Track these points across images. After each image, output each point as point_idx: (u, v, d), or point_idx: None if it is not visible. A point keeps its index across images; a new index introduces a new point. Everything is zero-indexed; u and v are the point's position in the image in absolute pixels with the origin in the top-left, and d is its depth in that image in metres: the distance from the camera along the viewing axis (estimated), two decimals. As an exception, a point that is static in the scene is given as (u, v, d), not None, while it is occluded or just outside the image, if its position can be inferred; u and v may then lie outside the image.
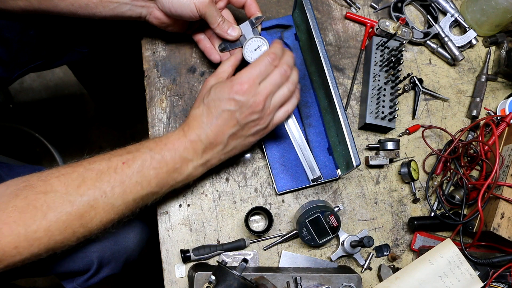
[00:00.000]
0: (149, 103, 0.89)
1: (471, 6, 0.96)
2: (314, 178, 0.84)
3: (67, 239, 0.66)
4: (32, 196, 0.63)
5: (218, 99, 0.71)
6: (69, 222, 0.65)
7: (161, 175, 0.71)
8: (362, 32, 0.97)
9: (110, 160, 0.69)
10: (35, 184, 0.65)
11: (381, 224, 0.88)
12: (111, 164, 0.68)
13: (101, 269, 0.90)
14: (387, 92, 0.90)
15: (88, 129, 1.82)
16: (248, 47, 0.81)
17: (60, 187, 0.65)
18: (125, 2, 0.77)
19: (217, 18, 0.78)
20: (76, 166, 0.68)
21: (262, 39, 0.81)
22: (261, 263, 0.84)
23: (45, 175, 0.66)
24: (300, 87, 0.82)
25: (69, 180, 0.66)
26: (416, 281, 0.79)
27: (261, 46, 0.81)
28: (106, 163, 0.68)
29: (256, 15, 0.81)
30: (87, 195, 0.66)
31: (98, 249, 0.87)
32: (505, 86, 0.98)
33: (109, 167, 0.68)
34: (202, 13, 0.76)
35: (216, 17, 0.78)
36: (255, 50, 0.81)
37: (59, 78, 1.84)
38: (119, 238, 0.89)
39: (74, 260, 0.86)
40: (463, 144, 0.86)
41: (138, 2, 0.77)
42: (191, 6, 0.75)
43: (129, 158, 0.69)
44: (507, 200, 0.79)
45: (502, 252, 0.83)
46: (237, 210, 0.86)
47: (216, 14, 0.77)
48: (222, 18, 0.79)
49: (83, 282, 0.92)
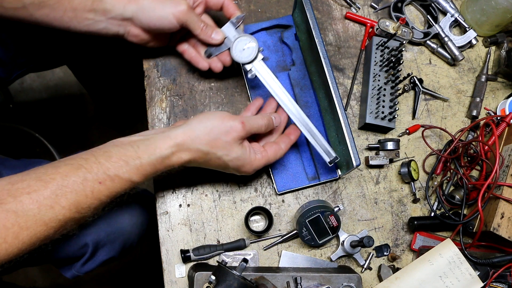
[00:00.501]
0: (149, 103, 0.89)
1: (471, 6, 0.96)
2: (331, 160, 0.80)
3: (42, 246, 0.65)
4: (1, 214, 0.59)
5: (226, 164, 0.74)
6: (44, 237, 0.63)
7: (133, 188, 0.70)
8: (362, 32, 0.97)
9: (86, 179, 0.64)
10: (5, 199, 0.60)
11: (381, 224, 0.88)
12: (87, 183, 0.64)
13: (96, 252, 0.89)
14: (387, 92, 0.90)
15: (88, 129, 1.82)
16: (236, 47, 0.80)
17: (32, 205, 0.61)
18: (100, 19, 0.75)
19: (199, 24, 0.77)
20: (48, 180, 0.63)
21: (248, 37, 0.80)
22: (261, 263, 0.84)
23: (15, 189, 0.62)
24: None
25: (41, 198, 0.62)
26: (416, 281, 0.79)
27: (248, 44, 0.80)
28: (81, 182, 0.64)
29: (236, 14, 0.81)
30: (63, 215, 0.63)
31: (92, 232, 0.86)
32: (505, 86, 0.98)
33: (85, 187, 0.64)
34: (182, 22, 0.75)
35: (198, 23, 0.77)
36: (244, 49, 0.80)
37: (59, 78, 1.84)
38: (112, 220, 0.88)
39: (68, 245, 0.85)
40: (463, 144, 0.86)
41: (114, 21, 0.76)
42: (170, 17, 0.74)
43: (106, 179, 0.65)
44: (507, 200, 0.79)
45: (502, 252, 0.83)
46: (237, 210, 0.86)
47: (197, 20, 0.77)
48: (204, 23, 0.78)
49: (80, 267, 0.92)
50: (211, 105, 0.90)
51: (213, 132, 0.71)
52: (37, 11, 0.74)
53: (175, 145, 0.69)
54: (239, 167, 0.75)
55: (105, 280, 1.66)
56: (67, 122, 1.81)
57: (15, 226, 0.60)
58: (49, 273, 1.66)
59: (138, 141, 0.69)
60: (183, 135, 0.70)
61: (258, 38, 0.93)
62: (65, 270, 0.95)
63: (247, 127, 0.73)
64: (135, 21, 0.76)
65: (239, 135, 0.72)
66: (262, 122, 0.76)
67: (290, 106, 0.81)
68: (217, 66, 0.83)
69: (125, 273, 1.66)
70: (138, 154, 0.68)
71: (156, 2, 0.74)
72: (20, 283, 1.64)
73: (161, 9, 0.74)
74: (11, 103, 1.75)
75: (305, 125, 0.81)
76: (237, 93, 0.90)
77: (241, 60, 0.80)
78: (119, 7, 0.74)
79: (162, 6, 0.74)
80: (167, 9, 0.74)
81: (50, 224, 0.62)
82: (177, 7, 0.74)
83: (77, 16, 0.75)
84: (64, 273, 0.96)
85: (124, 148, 0.68)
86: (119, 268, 1.64)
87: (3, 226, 0.59)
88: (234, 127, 0.72)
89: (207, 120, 0.72)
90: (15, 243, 0.60)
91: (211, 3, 0.81)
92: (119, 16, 0.75)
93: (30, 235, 0.61)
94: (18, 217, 0.60)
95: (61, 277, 1.65)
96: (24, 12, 0.75)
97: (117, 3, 0.74)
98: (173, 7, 0.74)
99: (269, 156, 0.78)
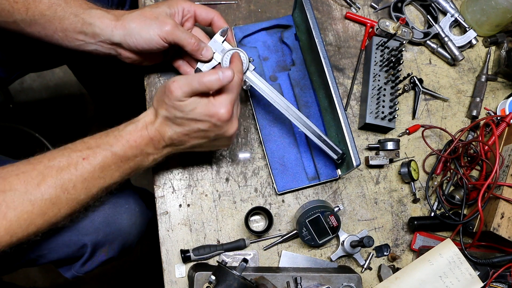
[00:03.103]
0: (149, 103, 0.89)
1: (471, 6, 0.96)
2: (338, 157, 0.80)
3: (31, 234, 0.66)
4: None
5: (194, 119, 0.70)
6: (31, 220, 0.64)
7: (122, 169, 0.72)
8: (362, 32, 0.97)
9: (70, 157, 0.68)
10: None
11: (381, 224, 0.88)
12: (71, 160, 0.67)
13: (96, 252, 0.90)
14: (387, 92, 0.90)
15: (88, 129, 1.81)
16: (226, 61, 0.80)
17: (20, 185, 0.64)
18: (90, 41, 0.76)
19: (188, 40, 0.76)
20: (36, 163, 0.67)
21: (236, 49, 0.80)
22: (261, 263, 0.84)
23: (4, 172, 0.65)
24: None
25: (29, 178, 0.64)
26: (416, 281, 0.79)
27: None
28: (66, 159, 0.67)
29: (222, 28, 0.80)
30: (49, 194, 0.65)
31: (91, 232, 0.86)
32: (505, 86, 0.98)
33: (69, 164, 0.67)
34: (170, 41, 0.75)
35: (187, 39, 0.76)
36: None
37: (59, 78, 1.84)
38: (111, 220, 0.88)
39: (67, 245, 0.86)
40: (463, 144, 0.86)
41: (104, 44, 0.76)
42: (156, 38, 0.74)
43: (90, 154, 0.68)
44: (507, 200, 0.79)
45: (502, 252, 0.83)
46: (237, 210, 0.86)
47: (185, 36, 0.76)
48: (195, 38, 0.77)
49: (79, 267, 0.92)
50: (211, 105, 0.90)
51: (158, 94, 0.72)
52: (28, 28, 0.76)
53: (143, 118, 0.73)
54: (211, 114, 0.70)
55: (105, 280, 1.66)
56: (67, 122, 1.81)
57: (2, 206, 0.62)
58: (49, 273, 1.66)
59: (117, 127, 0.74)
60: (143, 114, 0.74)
61: (258, 38, 0.93)
62: (65, 270, 0.95)
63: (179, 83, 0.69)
64: (124, 45, 0.76)
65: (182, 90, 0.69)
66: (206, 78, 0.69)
67: (289, 110, 0.81)
68: None
69: (125, 273, 1.66)
70: (118, 127, 0.73)
71: (142, 25, 0.74)
72: (20, 283, 1.64)
73: (147, 32, 0.74)
74: (11, 103, 1.75)
75: (307, 127, 0.81)
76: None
77: None
78: (108, 32, 0.74)
79: (148, 28, 0.74)
80: (153, 31, 0.74)
81: (36, 204, 0.64)
82: (162, 27, 0.74)
83: (67, 36, 0.76)
84: (63, 273, 0.96)
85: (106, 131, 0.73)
86: (119, 268, 1.64)
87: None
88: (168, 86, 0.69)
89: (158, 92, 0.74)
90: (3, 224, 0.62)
91: (199, 18, 0.80)
92: (108, 41, 0.76)
93: (18, 215, 0.63)
94: (6, 197, 0.63)
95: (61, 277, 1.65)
96: (15, 27, 0.76)
97: (106, 27, 0.74)
98: (158, 28, 0.74)
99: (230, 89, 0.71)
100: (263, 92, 0.80)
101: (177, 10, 0.77)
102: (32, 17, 0.74)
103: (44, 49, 0.97)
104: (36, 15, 0.74)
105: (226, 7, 0.95)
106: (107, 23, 0.74)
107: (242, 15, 0.95)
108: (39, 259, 0.87)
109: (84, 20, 0.74)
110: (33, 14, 0.74)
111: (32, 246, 0.82)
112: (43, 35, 0.77)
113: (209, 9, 0.80)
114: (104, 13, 0.75)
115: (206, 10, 0.80)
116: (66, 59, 1.19)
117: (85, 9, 0.74)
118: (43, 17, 0.74)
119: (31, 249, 0.83)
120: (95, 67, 1.30)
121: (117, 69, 1.34)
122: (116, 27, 0.74)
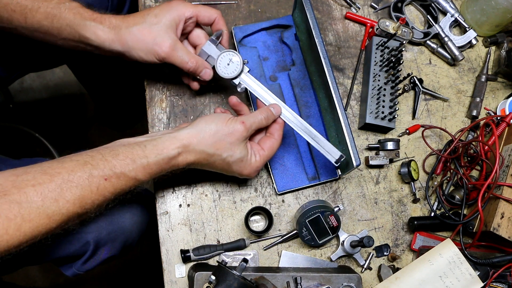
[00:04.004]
0: (149, 103, 0.89)
1: (471, 6, 0.96)
2: (337, 159, 0.79)
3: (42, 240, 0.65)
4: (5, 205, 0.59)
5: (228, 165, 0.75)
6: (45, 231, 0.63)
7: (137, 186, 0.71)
8: (362, 32, 0.97)
9: (92, 175, 0.65)
10: (9, 190, 0.60)
11: (381, 224, 0.88)
12: (92, 179, 0.65)
13: (97, 250, 0.90)
14: (387, 92, 0.90)
15: (88, 129, 1.81)
16: (220, 64, 0.80)
17: (36, 198, 0.61)
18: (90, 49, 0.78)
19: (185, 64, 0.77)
20: (54, 174, 0.64)
21: (230, 52, 0.80)
22: (261, 263, 0.84)
23: (20, 181, 0.62)
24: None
25: (46, 191, 0.62)
26: (416, 281, 0.79)
27: (232, 59, 0.80)
28: (87, 177, 0.65)
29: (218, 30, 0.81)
30: (66, 209, 0.63)
31: (93, 230, 0.86)
32: (505, 86, 0.98)
33: (90, 183, 0.65)
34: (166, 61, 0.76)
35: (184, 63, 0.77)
36: (228, 64, 0.80)
37: (59, 78, 1.84)
38: (114, 219, 0.88)
39: (70, 243, 0.85)
40: (463, 144, 0.86)
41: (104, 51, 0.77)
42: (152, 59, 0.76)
43: (112, 176, 0.66)
44: (507, 200, 0.79)
45: (502, 252, 0.83)
46: (237, 210, 0.86)
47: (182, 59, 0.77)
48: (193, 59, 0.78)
49: (81, 265, 0.92)
50: (211, 105, 0.90)
51: (218, 134, 0.72)
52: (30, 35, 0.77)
53: (182, 146, 0.71)
54: (241, 168, 0.76)
55: (105, 280, 1.66)
56: (67, 122, 1.81)
57: (18, 218, 0.60)
58: (49, 273, 1.66)
59: (145, 141, 0.71)
60: (189, 137, 0.72)
61: (258, 38, 0.93)
62: (66, 269, 0.95)
63: (248, 124, 0.74)
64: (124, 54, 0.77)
65: (242, 135, 0.74)
66: (261, 116, 0.77)
67: (286, 112, 0.80)
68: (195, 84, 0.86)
69: (125, 273, 1.66)
70: (145, 153, 0.69)
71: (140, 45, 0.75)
72: (20, 283, 1.64)
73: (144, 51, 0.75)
74: (11, 103, 1.75)
75: (305, 129, 0.80)
76: (237, 93, 0.90)
77: (227, 76, 0.80)
78: (106, 45, 0.75)
79: (146, 46, 0.74)
80: (150, 50, 0.75)
81: (53, 218, 0.62)
82: (159, 51, 0.75)
83: (69, 44, 0.77)
84: (64, 272, 0.96)
85: (131, 147, 0.69)
86: (120, 268, 1.64)
87: (5, 217, 0.59)
88: (237, 128, 0.73)
89: (212, 122, 0.73)
90: (17, 235, 0.60)
91: (202, 18, 0.80)
92: (108, 51, 0.76)
93: (32, 228, 0.61)
94: (22, 209, 0.60)
95: (61, 277, 1.65)
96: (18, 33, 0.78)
97: (102, 42, 0.75)
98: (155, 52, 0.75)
99: (267, 153, 0.78)
100: (257, 94, 0.81)
101: (180, 20, 0.77)
102: (31, 26, 0.75)
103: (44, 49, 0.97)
104: (34, 24, 0.74)
105: (226, 7, 0.95)
106: (103, 38, 0.74)
107: (242, 15, 0.95)
108: (41, 257, 0.87)
109: (80, 34, 0.74)
110: (31, 23, 0.74)
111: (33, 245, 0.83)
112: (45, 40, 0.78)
113: (211, 9, 0.80)
114: (98, 26, 0.74)
115: (209, 11, 0.80)
116: (66, 59, 1.19)
117: (79, 20, 0.74)
118: (42, 27, 0.75)
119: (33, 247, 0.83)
120: (95, 67, 1.30)
121: (117, 69, 1.34)
122: (114, 42, 0.75)
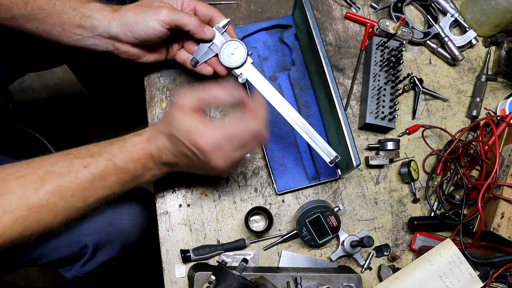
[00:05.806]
0: (149, 103, 0.89)
1: (471, 6, 0.96)
2: (332, 160, 0.79)
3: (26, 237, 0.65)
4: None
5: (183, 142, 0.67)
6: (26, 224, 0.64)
7: (122, 180, 0.70)
8: (362, 32, 0.97)
9: (72, 163, 0.66)
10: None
11: (381, 224, 0.88)
12: (72, 167, 0.66)
13: (97, 252, 0.90)
14: (387, 92, 0.90)
15: (88, 129, 1.82)
16: (224, 53, 0.79)
17: (18, 189, 0.63)
18: (88, 35, 0.75)
19: (189, 18, 0.74)
20: (37, 167, 0.66)
21: (235, 41, 0.79)
22: (261, 263, 0.84)
23: (4, 174, 0.64)
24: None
25: (28, 182, 0.64)
26: (416, 281, 0.79)
27: (237, 48, 0.79)
28: (67, 166, 0.66)
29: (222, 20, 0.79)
30: (46, 200, 0.64)
31: (92, 232, 0.86)
32: (505, 86, 0.98)
33: (70, 171, 0.66)
34: (170, 23, 0.73)
35: (187, 18, 0.74)
36: (232, 54, 0.79)
37: (59, 78, 1.84)
38: (112, 220, 0.88)
39: (69, 245, 0.85)
40: (463, 144, 0.86)
41: (101, 38, 0.75)
42: (153, 24, 0.72)
43: (91, 162, 0.67)
44: (507, 200, 0.79)
45: (502, 252, 0.83)
46: (237, 210, 0.86)
47: (184, 15, 0.74)
48: (195, 17, 0.75)
49: (80, 267, 0.92)
50: (211, 105, 0.90)
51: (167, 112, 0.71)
52: (27, 23, 0.76)
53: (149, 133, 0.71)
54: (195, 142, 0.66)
55: (105, 280, 1.66)
56: (67, 122, 1.81)
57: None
58: (49, 273, 1.66)
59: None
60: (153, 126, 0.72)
61: (258, 38, 0.93)
62: (65, 271, 0.95)
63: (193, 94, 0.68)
64: (121, 37, 0.75)
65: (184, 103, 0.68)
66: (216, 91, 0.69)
67: (285, 108, 0.79)
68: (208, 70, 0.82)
69: (125, 273, 1.66)
70: (124, 137, 0.71)
71: (138, 13, 0.73)
72: (20, 283, 1.64)
73: (143, 19, 0.73)
74: (11, 103, 1.76)
75: (302, 127, 0.79)
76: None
77: (230, 65, 0.79)
78: (105, 23, 0.74)
79: (144, 16, 0.73)
80: (149, 17, 0.72)
81: (33, 209, 0.63)
82: (159, 11, 0.73)
83: (65, 31, 0.75)
84: (64, 273, 0.96)
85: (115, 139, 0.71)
86: (119, 268, 1.64)
87: None
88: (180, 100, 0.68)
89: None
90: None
91: (199, 14, 0.79)
92: (106, 33, 0.75)
93: (13, 219, 0.62)
94: (3, 200, 0.62)
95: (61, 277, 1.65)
96: (14, 23, 0.76)
97: (104, 19, 0.74)
98: (155, 13, 0.73)
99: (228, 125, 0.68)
100: (258, 86, 0.79)
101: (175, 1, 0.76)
102: (30, 12, 0.74)
103: (43, 48, 0.97)
104: (34, 9, 0.74)
105: (226, 7, 0.95)
106: (105, 14, 0.74)
107: (242, 15, 0.95)
108: (40, 259, 0.87)
109: (82, 13, 0.74)
110: (31, 9, 0.74)
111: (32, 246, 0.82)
112: (41, 31, 0.76)
113: (209, 6, 0.80)
114: (102, 6, 0.75)
115: (206, 7, 0.79)
116: (66, 58, 1.19)
117: (83, 3, 0.74)
118: (42, 11, 0.74)
119: (31, 248, 0.83)
120: (95, 66, 1.30)
121: (117, 69, 1.34)
122: (114, 18, 0.74)
